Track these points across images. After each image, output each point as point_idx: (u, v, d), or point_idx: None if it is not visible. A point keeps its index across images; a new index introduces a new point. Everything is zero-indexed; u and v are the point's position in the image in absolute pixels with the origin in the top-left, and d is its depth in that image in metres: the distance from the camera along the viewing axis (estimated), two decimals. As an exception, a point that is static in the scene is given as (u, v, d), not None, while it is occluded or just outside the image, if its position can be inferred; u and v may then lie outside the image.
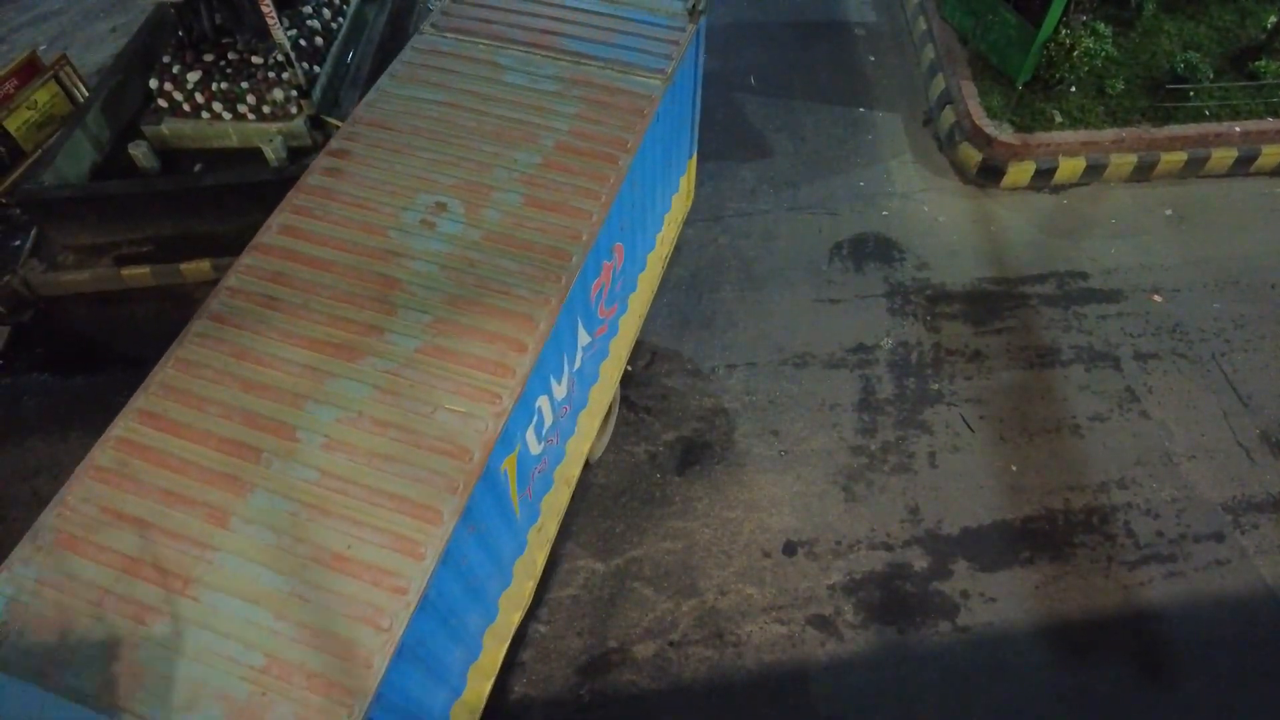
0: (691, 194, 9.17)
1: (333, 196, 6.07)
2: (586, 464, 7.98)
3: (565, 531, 8.17)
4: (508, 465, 5.36)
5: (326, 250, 5.74)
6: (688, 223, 10.81)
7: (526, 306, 5.45)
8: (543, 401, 5.80)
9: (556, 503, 6.96)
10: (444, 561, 4.61)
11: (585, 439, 7.34)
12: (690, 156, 8.72)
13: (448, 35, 7.16)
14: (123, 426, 4.99)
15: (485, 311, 5.41)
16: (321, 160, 6.33)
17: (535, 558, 6.66)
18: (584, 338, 6.42)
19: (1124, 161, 11.16)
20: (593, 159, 6.27)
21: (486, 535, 5.32)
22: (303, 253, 5.74)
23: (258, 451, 4.83)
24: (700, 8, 7.20)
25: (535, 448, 5.90)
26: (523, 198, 6.01)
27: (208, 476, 4.77)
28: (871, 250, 10.60)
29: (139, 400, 5.09)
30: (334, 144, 6.44)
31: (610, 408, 8.39)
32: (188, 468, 4.81)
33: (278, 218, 5.96)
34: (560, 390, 6.15)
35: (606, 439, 8.62)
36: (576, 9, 7.32)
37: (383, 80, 6.90)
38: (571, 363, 6.28)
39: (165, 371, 5.21)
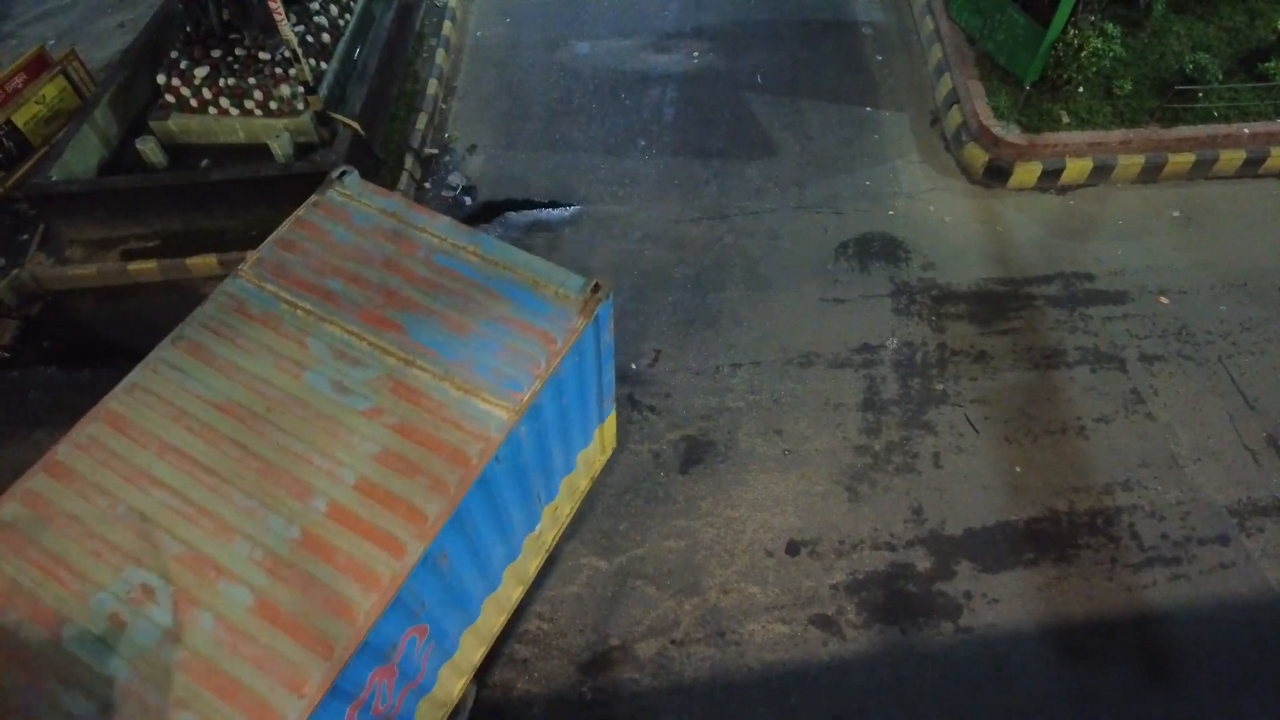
0: (613, 445, 7.70)
1: (23, 543, 4.48)
2: None
3: (568, 529, 8.19)
4: None
5: None
6: (693, 221, 10.82)
7: None
8: None
9: None
10: None
11: None
12: (602, 422, 7.08)
13: (265, 287, 5.60)
14: None
15: None
16: (34, 477, 4.71)
17: None
18: None
19: (1131, 162, 11.12)
20: (371, 540, 4.52)
21: None
22: None
23: None
24: (601, 295, 5.63)
25: None
26: (252, 598, 4.35)
27: None
28: (877, 250, 10.58)
29: None
30: (60, 451, 4.85)
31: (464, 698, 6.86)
32: None
33: None
34: None
35: None
36: (443, 268, 5.73)
37: (162, 348, 5.31)
38: None
39: None
